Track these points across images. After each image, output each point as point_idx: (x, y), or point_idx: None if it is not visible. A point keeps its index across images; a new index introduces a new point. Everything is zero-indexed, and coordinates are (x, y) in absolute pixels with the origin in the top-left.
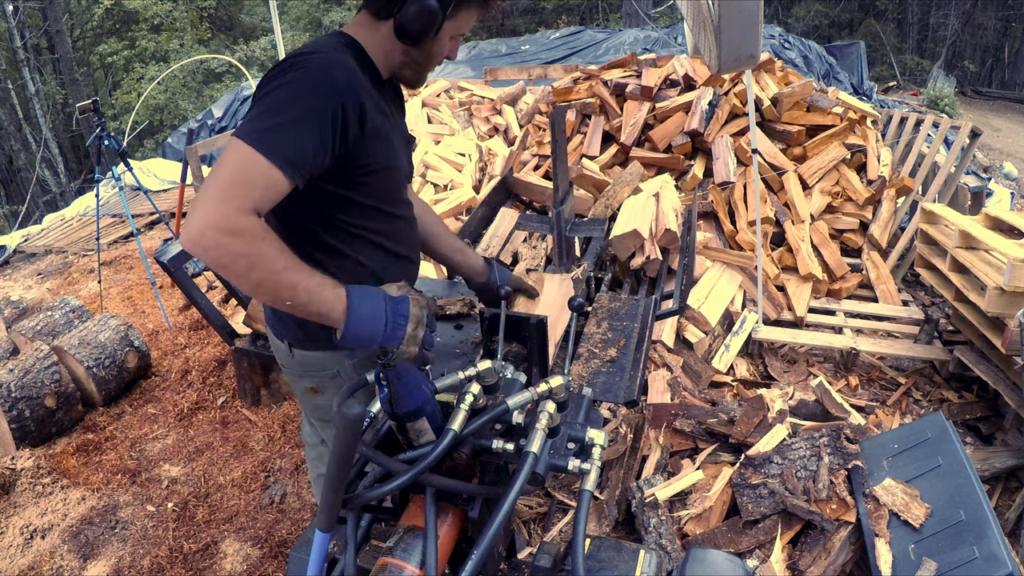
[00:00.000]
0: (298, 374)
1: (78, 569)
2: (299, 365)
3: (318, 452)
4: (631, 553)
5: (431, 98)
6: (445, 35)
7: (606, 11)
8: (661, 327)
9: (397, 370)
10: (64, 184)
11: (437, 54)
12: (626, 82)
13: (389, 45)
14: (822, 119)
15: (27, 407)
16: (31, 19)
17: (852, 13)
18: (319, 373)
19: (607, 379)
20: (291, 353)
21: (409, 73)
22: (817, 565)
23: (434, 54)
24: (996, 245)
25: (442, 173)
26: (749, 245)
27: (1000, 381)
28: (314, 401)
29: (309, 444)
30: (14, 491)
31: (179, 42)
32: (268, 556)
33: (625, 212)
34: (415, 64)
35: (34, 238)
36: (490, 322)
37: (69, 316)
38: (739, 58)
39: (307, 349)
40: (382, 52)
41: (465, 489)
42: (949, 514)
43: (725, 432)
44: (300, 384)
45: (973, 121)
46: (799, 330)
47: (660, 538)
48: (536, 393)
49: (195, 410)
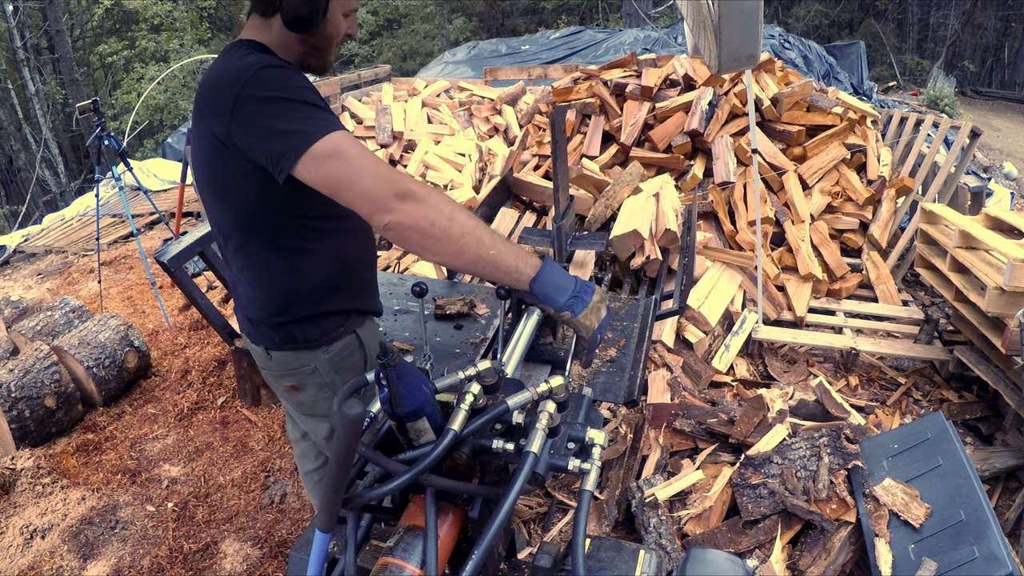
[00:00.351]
0: (277, 375)
1: (78, 569)
2: (277, 366)
3: (301, 448)
4: (631, 553)
5: (431, 98)
6: (336, 14)
7: (606, 11)
8: (661, 327)
9: (397, 370)
10: (64, 184)
11: (333, 35)
12: (626, 82)
13: (285, 39)
14: (822, 119)
15: (27, 407)
16: (31, 19)
17: (852, 13)
18: (297, 371)
19: (607, 379)
20: (268, 356)
21: (313, 61)
22: (817, 565)
23: (330, 35)
24: (996, 245)
25: (442, 173)
26: (749, 245)
27: (1000, 381)
28: (296, 398)
29: (293, 440)
30: (14, 491)
31: (179, 42)
32: (268, 556)
33: (625, 212)
34: (315, 51)
35: (34, 238)
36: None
37: (69, 316)
38: (739, 58)
39: (283, 350)
40: (283, 47)
41: (465, 489)
42: (949, 514)
43: (725, 432)
44: (280, 384)
45: (973, 121)
46: (799, 330)
47: (660, 538)
48: (536, 393)
49: (195, 410)
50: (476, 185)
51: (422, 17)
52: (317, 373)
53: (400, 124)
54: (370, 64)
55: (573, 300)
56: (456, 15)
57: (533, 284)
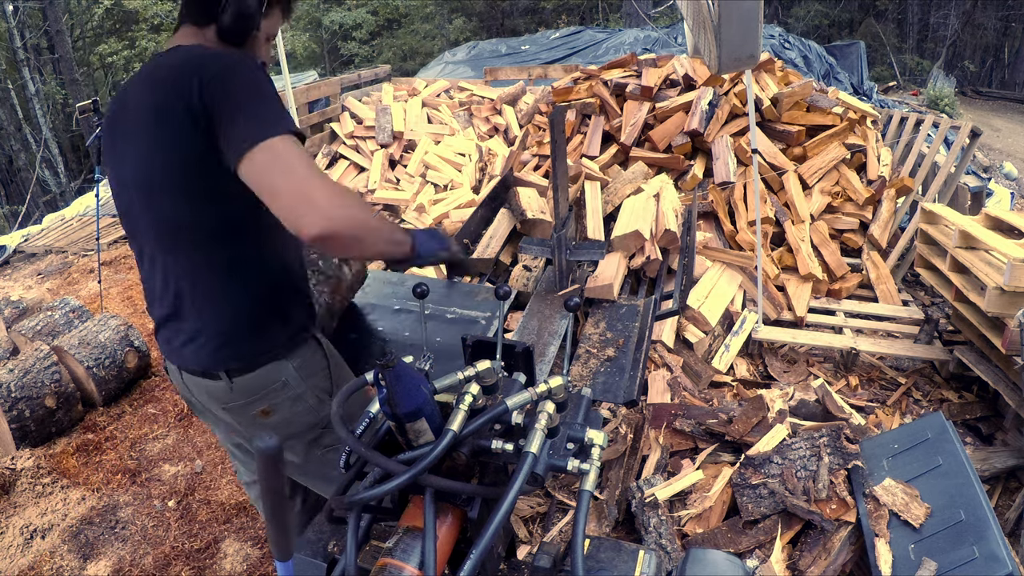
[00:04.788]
0: (243, 403)
1: (78, 569)
2: (242, 393)
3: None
4: (631, 553)
5: (431, 98)
6: (262, 35)
7: (606, 11)
8: (661, 327)
9: (396, 371)
10: (64, 184)
11: (260, 54)
12: (626, 82)
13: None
14: (822, 119)
15: (27, 407)
16: (31, 19)
17: (852, 13)
18: (266, 391)
19: (607, 379)
20: (231, 385)
21: None
22: (817, 565)
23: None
24: (996, 245)
25: (442, 173)
26: (749, 245)
27: (1000, 381)
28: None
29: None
30: (14, 491)
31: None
32: (268, 556)
33: (626, 212)
34: None
35: (34, 238)
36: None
37: (69, 316)
38: (739, 58)
39: (247, 371)
40: None
41: (464, 490)
42: (949, 514)
43: (725, 432)
44: (247, 414)
45: (973, 121)
46: (799, 330)
47: (660, 538)
48: (535, 393)
49: None
50: (476, 185)
51: (422, 17)
52: (288, 386)
53: (400, 124)
54: (370, 64)
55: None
56: (456, 15)
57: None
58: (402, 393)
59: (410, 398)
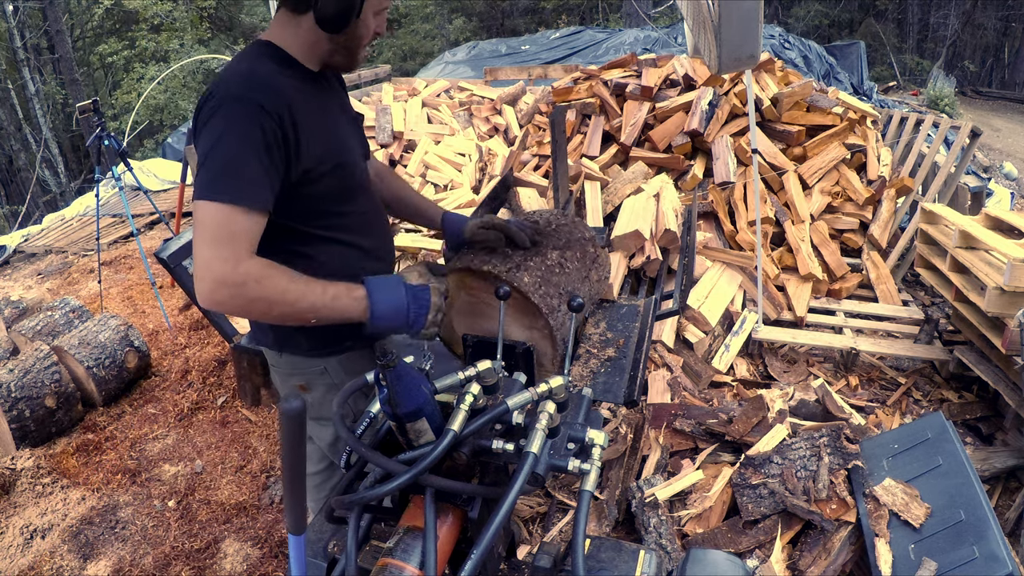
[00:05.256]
0: (287, 372)
1: (78, 569)
2: (287, 364)
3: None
4: (631, 553)
5: (431, 98)
6: (368, 13)
7: (606, 11)
8: (661, 327)
9: (396, 371)
10: (64, 184)
11: (364, 35)
12: (626, 82)
13: (313, 37)
14: (822, 119)
15: (27, 407)
16: (31, 19)
17: (852, 13)
18: (307, 371)
19: (607, 379)
20: (280, 355)
21: (340, 59)
22: (817, 565)
23: (361, 35)
24: (996, 245)
25: (442, 173)
26: (749, 245)
27: (1000, 381)
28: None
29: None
30: (14, 491)
31: (179, 42)
32: (268, 556)
33: (626, 212)
34: (344, 50)
35: (34, 238)
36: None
37: (69, 316)
38: (739, 58)
39: (293, 353)
40: (307, 47)
41: (465, 489)
42: (949, 514)
43: (725, 432)
44: (289, 383)
45: (973, 121)
46: (799, 330)
47: (660, 538)
48: (536, 393)
49: (195, 410)
50: (476, 185)
51: (422, 17)
52: (327, 374)
53: (400, 124)
54: (370, 64)
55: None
56: (456, 15)
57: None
58: (403, 393)
59: (411, 398)
